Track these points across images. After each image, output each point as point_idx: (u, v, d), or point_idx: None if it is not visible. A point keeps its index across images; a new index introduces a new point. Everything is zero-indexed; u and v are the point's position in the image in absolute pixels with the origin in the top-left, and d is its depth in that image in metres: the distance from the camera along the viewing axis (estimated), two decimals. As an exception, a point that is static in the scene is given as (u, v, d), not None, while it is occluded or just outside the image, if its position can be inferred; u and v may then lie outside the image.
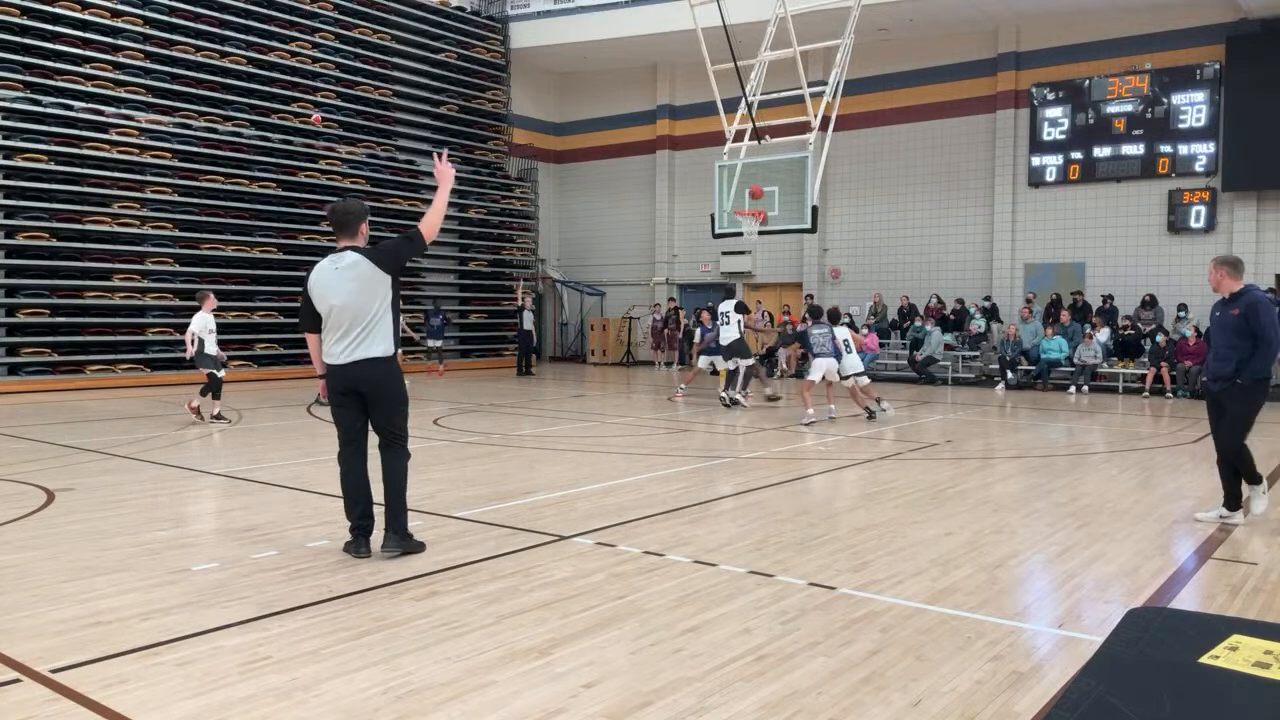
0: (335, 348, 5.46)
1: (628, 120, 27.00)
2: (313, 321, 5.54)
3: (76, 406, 14.36)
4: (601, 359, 25.89)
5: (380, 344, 5.43)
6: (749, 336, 17.07)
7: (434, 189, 5.66)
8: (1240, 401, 6.44)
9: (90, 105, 17.96)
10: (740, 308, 14.68)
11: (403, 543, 5.54)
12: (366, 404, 5.54)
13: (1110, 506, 7.21)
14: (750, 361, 14.72)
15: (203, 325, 11.90)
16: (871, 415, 12.92)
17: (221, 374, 12.27)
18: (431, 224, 5.52)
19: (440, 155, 5.74)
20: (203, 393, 12.11)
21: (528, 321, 21.96)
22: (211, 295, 12.27)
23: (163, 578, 5.11)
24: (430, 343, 21.51)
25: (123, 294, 18.22)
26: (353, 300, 5.38)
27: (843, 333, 13.00)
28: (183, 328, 19.19)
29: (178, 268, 18.82)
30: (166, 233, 18.69)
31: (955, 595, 4.86)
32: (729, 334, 14.41)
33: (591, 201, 27.96)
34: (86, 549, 5.74)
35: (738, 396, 14.33)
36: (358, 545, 5.57)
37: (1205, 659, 2.30)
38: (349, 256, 5.43)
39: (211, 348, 12.00)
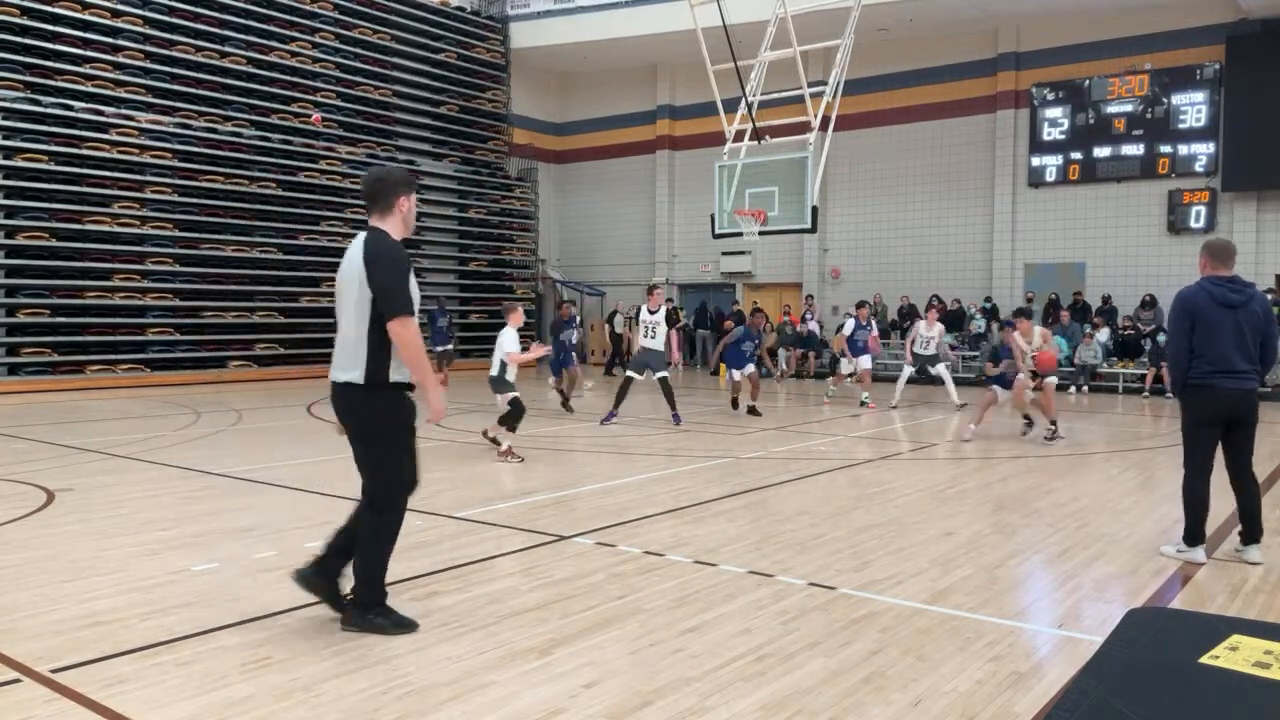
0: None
1: (628, 120, 27.01)
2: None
3: (76, 406, 14.35)
4: (601, 359, 25.86)
5: (358, 365, 4.09)
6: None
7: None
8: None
9: (90, 105, 17.95)
10: (669, 318, 13.05)
11: (362, 620, 4.22)
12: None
13: (1110, 506, 7.21)
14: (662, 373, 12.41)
15: (514, 342, 9.60)
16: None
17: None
18: (411, 356, 4.09)
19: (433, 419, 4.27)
20: (502, 421, 9.47)
21: (618, 325, 22.67)
22: (519, 307, 9.95)
23: (163, 578, 5.11)
24: (437, 348, 18.41)
25: (123, 294, 18.23)
26: (342, 299, 4.17)
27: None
28: (183, 328, 19.34)
29: (178, 268, 18.83)
30: (166, 233, 18.69)
31: (955, 595, 4.86)
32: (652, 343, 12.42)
33: (591, 201, 27.96)
34: (86, 549, 5.73)
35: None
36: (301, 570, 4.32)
37: (1205, 659, 2.30)
38: (358, 240, 4.19)
39: (512, 371, 9.52)
